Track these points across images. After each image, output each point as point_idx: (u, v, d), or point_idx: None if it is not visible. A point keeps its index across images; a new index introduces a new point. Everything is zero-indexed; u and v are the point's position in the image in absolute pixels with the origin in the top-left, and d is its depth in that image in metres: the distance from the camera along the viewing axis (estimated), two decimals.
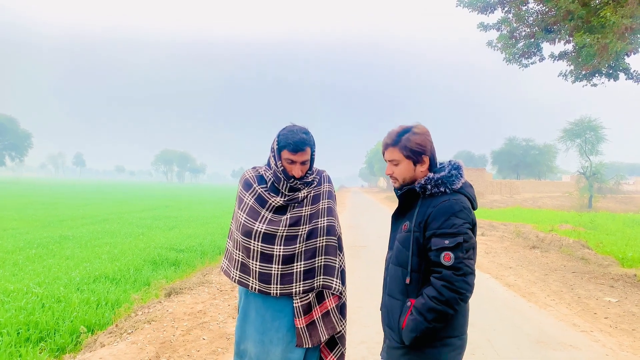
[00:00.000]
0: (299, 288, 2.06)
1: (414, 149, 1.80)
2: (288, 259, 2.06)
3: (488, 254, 8.80)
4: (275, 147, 2.09)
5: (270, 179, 2.15)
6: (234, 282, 2.16)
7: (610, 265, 7.74)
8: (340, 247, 2.23)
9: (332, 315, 2.14)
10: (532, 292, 5.87)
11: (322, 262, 2.12)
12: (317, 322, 2.09)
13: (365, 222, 16.21)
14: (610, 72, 7.49)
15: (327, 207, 2.19)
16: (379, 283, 2.12)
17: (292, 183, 2.11)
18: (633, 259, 8.01)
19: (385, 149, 1.87)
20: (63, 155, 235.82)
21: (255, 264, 2.07)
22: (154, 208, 23.10)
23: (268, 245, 2.05)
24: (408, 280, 1.76)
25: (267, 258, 2.05)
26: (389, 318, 1.86)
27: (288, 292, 2.05)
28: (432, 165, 1.85)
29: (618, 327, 4.51)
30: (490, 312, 4.90)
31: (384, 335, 1.94)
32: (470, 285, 1.65)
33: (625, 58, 7.19)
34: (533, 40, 7.83)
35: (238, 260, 2.14)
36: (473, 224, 1.74)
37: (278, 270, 2.05)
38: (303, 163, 2.08)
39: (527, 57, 8.33)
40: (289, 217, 2.10)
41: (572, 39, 7.23)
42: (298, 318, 2.06)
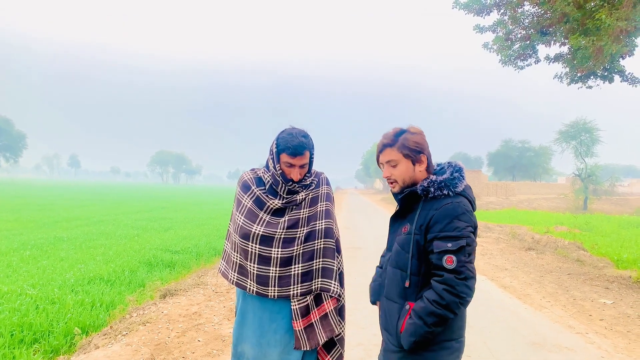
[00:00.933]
0: (297, 290, 2.05)
1: (413, 148, 1.79)
2: (286, 262, 2.05)
3: (484, 256, 8.82)
4: (274, 150, 2.08)
5: (269, 182, 2.14)
6: (232, 283, 2.15)
7: (606, 267, 7.77)
8: (339, 249, 2.22)
9: (330, 318, 2.13)
10: (527, 293, 5.89)
11: (320, 264, 2.11)
12: (315, 324, 2.09)
13: (362, 223, 16.22)
14: (606, 74, 7.53)
15: (325, 209, 2.18)
16: None
17: (290, 186, 2.10)
18: (628, 261, 8.04)
19: (382, 151, 1.85)
20: (58, 157, 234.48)
21: (253, 266, 2.06)
22: (149, 209, 22.99)
23: (266, 248, 2.05)
24: (407, 284, 1.75)
25: (264, 260, 2.05)
26: (387, 321, 1.84)
27: (286, 294, 2.04)
28: (429, 166, 1.84)
29: (613, 328, 4.53)
30: (486, 313, 4.90)
31: (382, 338, 1.93)
32: (472, 290, 1.63)
33: (620, 60, 7.22)
34: (529, 43, 7.87)
35: (236, 262, 2.14)
36: (475, 227, 1.72)
37: (276, 273, 2.04)
38: (302, 166, 2.08)
39: (522, 59, 8.36)
40: (287, 219, 2.10)
41: (567, 42, 7.27)
42: (296, 320, 2.05)
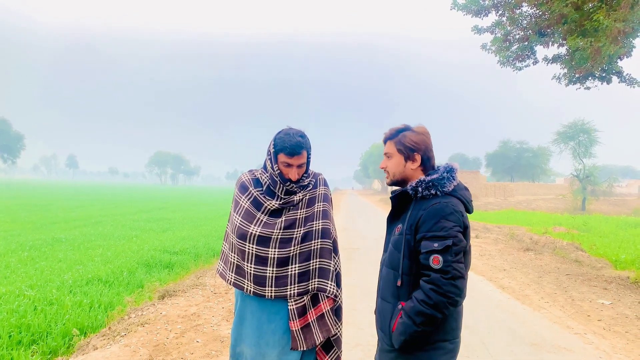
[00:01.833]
0: (294, 290, 2.05)
1: (408, 145, 1.85)
2: (283, 262, 2.05)
3: (482, 257, 8.83)
4: (272, 150, 2.09)
5: (267, 182, 2.15)
6: (230, 284, 2.15)
7: (604, 268, 7.78)
8: (336, 249, 2.23)
9: (327, 318, 2.13)
10: (526, 294, 5.89)
11: (316, 264, 2.12)
12: (311, 324, 2.09)
13: (361, 224, 16.22)
14: (604, 75, 7.54)
15: (322, 209, 2.18)
16: (374, 285, 2.12)
17: (288, 186, 2.11)
18: (626, 261, 8.06)
19: (385, 142, 1.95)
20: (56, 157, 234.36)
21: (250, 267, 2.06)
22: (148, 210, 22.97)
23: (263, 248, 2.05)
24: (399, 283, 1.77)
25: (261, 260, 2.05)
26: (382, 321, 1.86)
27: (283, 294, 2.05)
28: (426, 167, 1.87)
29: (611, 329, 4.53)
30: (485, 314, 4.91)
31: (378, 338, 1.94)
32: (460, 289, 1.63)
33: (618, 61, 7.23)
34: (527, 44, 7.88)
35: (233, 263, 2.14)
36: (464, 227, 1.73)
37: (273, 273, 2.04)
38: (299, 166, 2.09)
39: (520, 60, 8.37)
40: (284, 219, 2.10)
41: (565, 43, 7.28)
42: (292, 320, 2.06)
